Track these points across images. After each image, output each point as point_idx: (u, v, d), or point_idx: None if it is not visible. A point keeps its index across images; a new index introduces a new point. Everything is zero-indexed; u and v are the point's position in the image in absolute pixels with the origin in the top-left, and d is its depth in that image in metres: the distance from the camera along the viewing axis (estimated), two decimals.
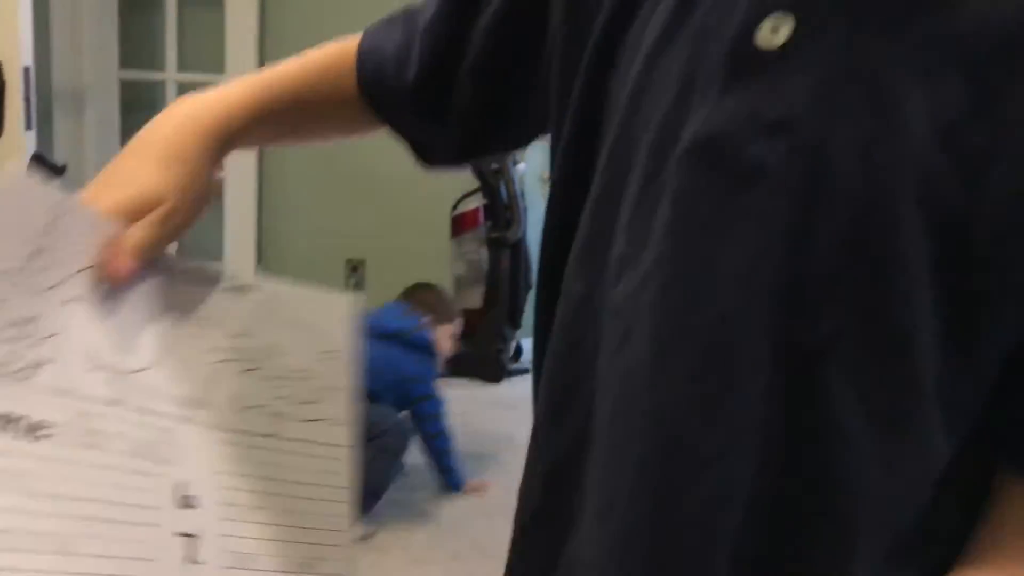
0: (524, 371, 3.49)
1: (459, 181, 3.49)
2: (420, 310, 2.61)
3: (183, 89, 3.49)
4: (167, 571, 0.59)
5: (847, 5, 0.49)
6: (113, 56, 3.45)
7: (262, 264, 3.60)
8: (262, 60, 3.49)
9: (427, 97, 0.72)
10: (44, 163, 2.31)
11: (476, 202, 3.55)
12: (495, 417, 3.04)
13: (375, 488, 2.32)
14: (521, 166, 3.65)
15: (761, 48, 0.49)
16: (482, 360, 3.47)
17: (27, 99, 2.43)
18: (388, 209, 3.59)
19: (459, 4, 0.69)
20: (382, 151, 3.68)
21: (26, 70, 2.44)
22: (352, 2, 3.44)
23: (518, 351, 3.73)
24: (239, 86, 0.73)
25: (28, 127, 2.44)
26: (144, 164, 0.65)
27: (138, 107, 3.53)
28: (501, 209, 3.55)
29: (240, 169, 3.51)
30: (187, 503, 0.61)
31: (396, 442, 2.38)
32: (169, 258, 0.64)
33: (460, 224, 3.57)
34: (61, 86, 3.42)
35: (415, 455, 2.49)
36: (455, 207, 3.58)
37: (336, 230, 3.62)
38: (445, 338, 2.64)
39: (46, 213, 0.57)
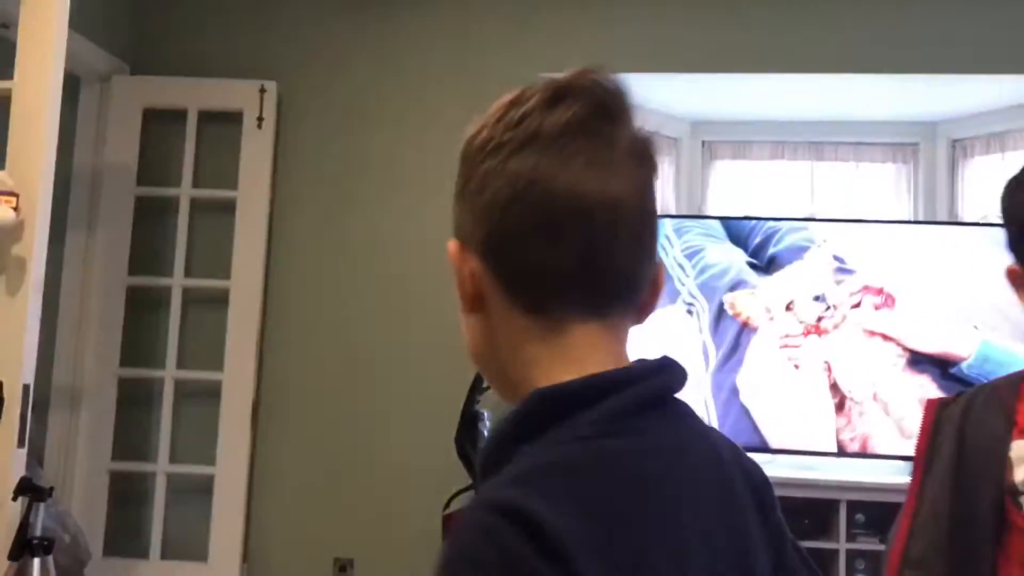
0: None
1: (451, 478, 3.46)
2: None
3: (180, 386, 3.54)
4: None
5: None
6: (114, 357, 3.52)
7: (248, 563, 3.51)
8: (261, 360, 3.56)
9: None
10: (31, 487, 2.29)
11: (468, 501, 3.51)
12: None
13: None
14: None
15: None
16: None
17: (23, 417, 2.45)
18: (378, 507, 3.54)
19: None
20: (375, 449, 3.69)
21: (26, 388, 2.47)
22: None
23: None
24: None
25: (20, 444, 2.45)
26: None
27: (134, 404, 3.56)
28: None
29: (231, 465, 3.49)
30: None
31: None
32: None
33: (452, 524, 3.50)
34: (60, 384, 3.47)
35: None
36: (447, 506, 3.53)
37: (324, 528, 3.56)
38: None
39: None
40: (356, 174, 3.66)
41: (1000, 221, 1.38)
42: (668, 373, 0.79)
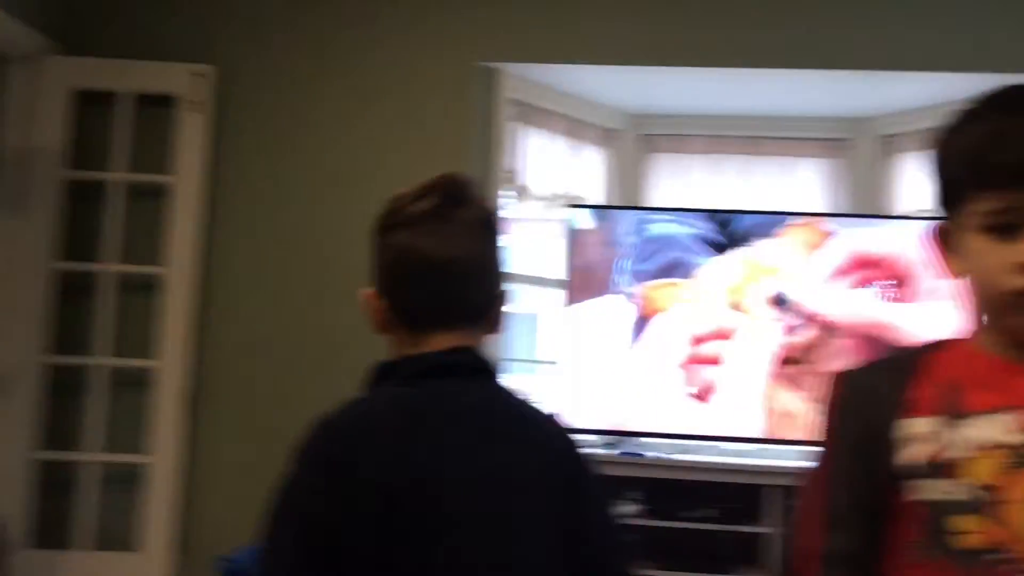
0: None
1: None
2: None
3: (114, 374, 3.48)
4: None
5: None
6: (40, 343, 3.43)
7: (187, 553, 3.46)
8: (201, 347, 3.52)
9: None
10: None
11: None
12: None
13: None
14: None
15: None
16: None
17: None
18: None
19: None
20: None
21: None
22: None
23: None
24: None
25: None
26: None
27: (65, 393, 3.48)
28: None
29: (164, 454, 3.44)
30: None
31: None
32: None
33: None
34: None
35: None
36: None
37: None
38: None
39: None
40: (296, 159, 3.63)
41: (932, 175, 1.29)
42: (454, 355, 1.25)
